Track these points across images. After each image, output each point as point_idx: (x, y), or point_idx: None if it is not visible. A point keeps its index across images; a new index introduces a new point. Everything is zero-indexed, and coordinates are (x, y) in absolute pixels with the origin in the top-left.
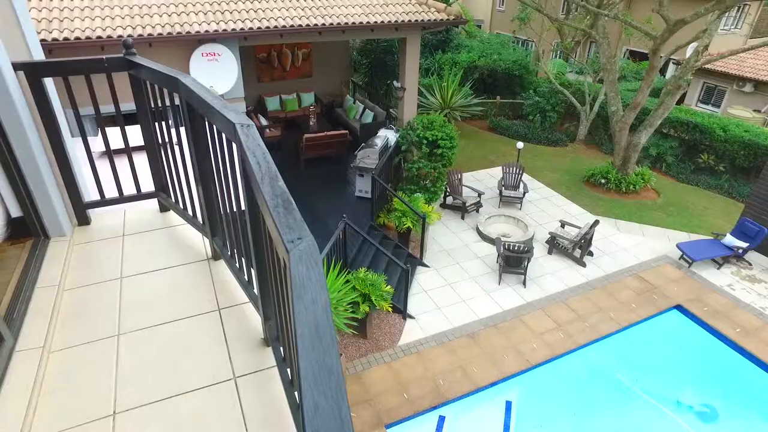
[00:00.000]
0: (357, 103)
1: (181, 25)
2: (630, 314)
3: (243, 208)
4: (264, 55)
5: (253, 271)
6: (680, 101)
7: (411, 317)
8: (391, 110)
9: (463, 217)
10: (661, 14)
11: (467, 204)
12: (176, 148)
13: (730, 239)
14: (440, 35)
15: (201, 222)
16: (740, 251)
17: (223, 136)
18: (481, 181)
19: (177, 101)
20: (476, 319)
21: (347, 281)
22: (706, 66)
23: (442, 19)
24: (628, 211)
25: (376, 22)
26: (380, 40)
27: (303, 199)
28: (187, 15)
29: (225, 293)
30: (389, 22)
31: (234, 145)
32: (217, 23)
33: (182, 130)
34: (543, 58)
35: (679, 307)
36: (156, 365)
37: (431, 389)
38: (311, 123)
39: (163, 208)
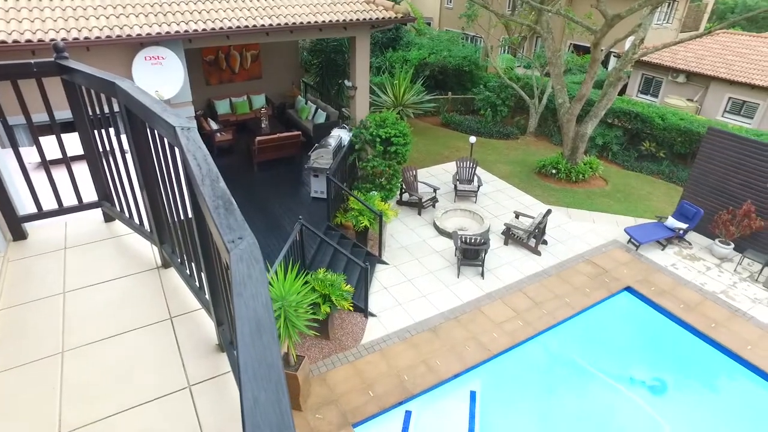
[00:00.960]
0: (309, 103)
1: (121, 28)
2: (584, 298)
3: (189, 212)
4: (211, 57)
5: (203, 276)
6: (622, 92)
7: (373, 315)
8: (343, 109)
9: (419, 213)
10: (599, 9)
11: (423, 200)
12: (118, 155)
13: (671, 221)
14: (390, 33)
15: (148, 230)
16: (681, 232)
17: (165, 140)
18: (436, 176)
19: (116, 107)
20: (437, 312)
21: (306, 282)
22: (644, 58)
23: (390, 18)
24: (578, 199)
25: (324, 21)
26: (330, 39)
27: (258, 202)
28: (127, 17)
29: (176, 301)
30: (337, 21)
31: (176, 149)
32: (160, 25)
33: (123, 136)
34: (492, 53)
35: (629, 289)
36: (105, 380)
37: (396, 385)
38: (263, 125)
39: (108, 218)
